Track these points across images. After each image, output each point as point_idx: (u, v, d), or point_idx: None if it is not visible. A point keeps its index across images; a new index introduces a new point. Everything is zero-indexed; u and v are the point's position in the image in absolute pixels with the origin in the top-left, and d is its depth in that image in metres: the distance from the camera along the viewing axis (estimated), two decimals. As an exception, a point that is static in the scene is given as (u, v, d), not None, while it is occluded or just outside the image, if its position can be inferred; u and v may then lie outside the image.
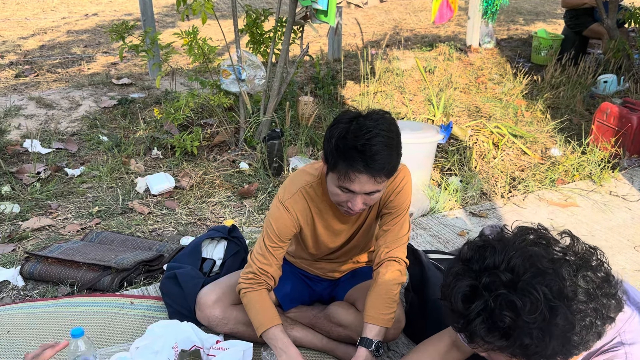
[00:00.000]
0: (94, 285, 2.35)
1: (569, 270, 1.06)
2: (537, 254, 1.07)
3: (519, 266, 1.06)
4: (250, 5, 3.88)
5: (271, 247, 1.82)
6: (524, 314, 1.02)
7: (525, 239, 1.12)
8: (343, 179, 1.59)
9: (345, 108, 4.46)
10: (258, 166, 3.46)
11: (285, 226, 1.80)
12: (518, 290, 1.04)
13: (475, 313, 1.06)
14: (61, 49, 6.49)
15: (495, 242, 1.12)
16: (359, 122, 1.56)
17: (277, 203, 1.81)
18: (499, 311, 1.04)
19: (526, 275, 1.05)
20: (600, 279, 1.09)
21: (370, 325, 1.77)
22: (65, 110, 4.31)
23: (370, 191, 1.61)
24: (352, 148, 1.54)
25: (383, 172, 1.57)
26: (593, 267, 1.11)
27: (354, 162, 1.54)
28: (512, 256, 1.07)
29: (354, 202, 1.64)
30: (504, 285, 1.05)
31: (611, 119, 3.60)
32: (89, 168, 3.48)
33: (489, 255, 1.09)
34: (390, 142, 1.57)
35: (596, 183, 3.37)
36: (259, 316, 1.80)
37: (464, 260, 1.14)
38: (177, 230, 2.86)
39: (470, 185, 3.29)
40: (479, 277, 1.08)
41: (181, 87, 4.75)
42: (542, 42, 5.71)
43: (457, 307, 1.10)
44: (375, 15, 8.62)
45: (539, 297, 1.02)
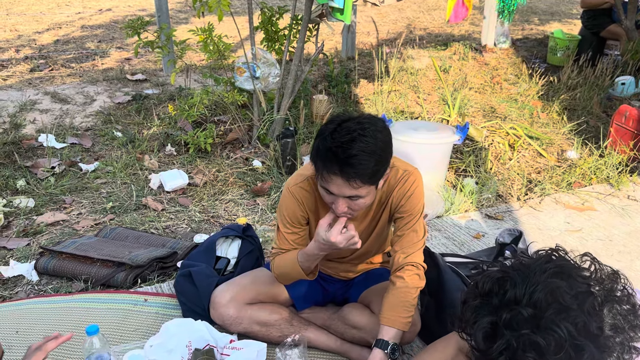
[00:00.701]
0: (107, 282, 2.35)
1: (594, 304, 1.02)
2: (560, 288, 1.02)
3: (542, 301, 1.01)
4: (265, 3, 3.87)
5: (285, 233, 1.85)
6: (549, 354, 0.98)
7: (546, 269, 1.06)
8: (321, 180, 1.60)
9: (358, 107, 4.43)
10: (271, 164, 3.45)
11: (292, 211, 1.82)
12: (541, 328, 1.00)
13: (498, 352, 1.02)
14: (75, 44, 6.52)
15: (515, 274, 1.07)
16: (345, 125, 1.55)
17: (285, 190, 1.84)
18: (522, 352, 1.00)
19: (549, 312, 1.00)
20: (626, 310, 1.05)
21: (387, 327, 1.75)
22: (80, 105, 4.32)
23: (350, 195, 1.59)
24: (329, 149, 1.53)
25: (358, 177, 1.53)
26: (618, 297, 1.06)
27: (330, 164, 1.53)
28: (534, 290, 1.03)
29: (336, 205, 1.63)
30: (526, 322, 1.01)
31: (630, 122, 3.55)
32: (103, 163, 3.48)
33: (509, 289, 1.05)
34: (371, 147, 1.53)
35: (614, 187, 3.32)
36: (286, 261, 1.82)
37: (482, 294, 1.09)
38: (190, 227, 2.86)
39: (486, 187, 3.25)
40: (499, 313, 1.04)
41: (195, 83, 4.75)
42: (559, 43, 5.64)
43: (478, 345, 1.07)
44: (389, 13, 8.57)
45: (563, 336, 0.98)
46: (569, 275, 1.06)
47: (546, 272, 1.05)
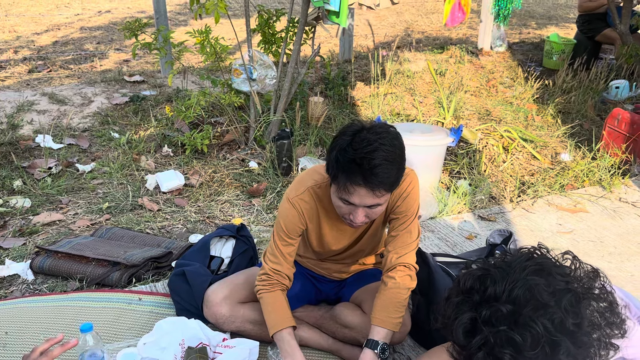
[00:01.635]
0: (102, 281, 2.37)
1: (572, 301, 1.04)
2: (538, 285, 1.05)
3: (520, 298, 1.04)
4: (262, 5, 3.90)
5: (281, 246, 1.84)
6: (525, 350, 1.00)
7: (526, 267, 1.09)
8: (342, 192, 1.60)
9: (355, 109, 4.46)
10: (267, 165, 3.48)
11: (292, 223, 1.82)
12: (519, 324, 1.02)
13: (476, 348, 1.05)
14: (74, 45, 6.55)
15: (495, 271, 1.10)
16: (362, 135, 1.56)
17: (285, 201, 1.83)
18: (499, 348, 1.02)
19: (527, 309, 1.03)
20: (603, 307, 1.08)
21: (377, 327, 1.77)
22: (78, 106, 4.34)
23: (371, 204, 1.61)
24: (351, 161, 1.54)
25: (382, 187, 1.56)
26: (596, 295, 1.09)
27: (353, 175, 1.54)
28: (513, 287, 1.05)
29: (355, 215, 1.65)
30: (504, 318, 1.03)
31: (622, 125, 3.58)
32: (99, 164, 3.50)
33: (490, 285, 1.07)
34: (392, 156, 1.56)
35: (606, 189, 3.35)
36: (270, 317, 1.82)
37: (464, 290, 1.12)
38: (186, 227, 2.88)
39: (479, 188, 3.28)
40: (479, 310, 1.06)
41: (192, 85, 4.78)
42: (554, 47, 5.68)
43: (458, 340, 1.09)
44: (387, 16, 8.61)
45: (539, 332, 1.00)
46: (548, 272, 1.08)
47: (526, 270, 1.08)
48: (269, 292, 1.84)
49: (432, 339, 2.02)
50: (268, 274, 1.85)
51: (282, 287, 1.85)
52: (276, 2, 9.10)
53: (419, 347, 2.06)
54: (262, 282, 1.86)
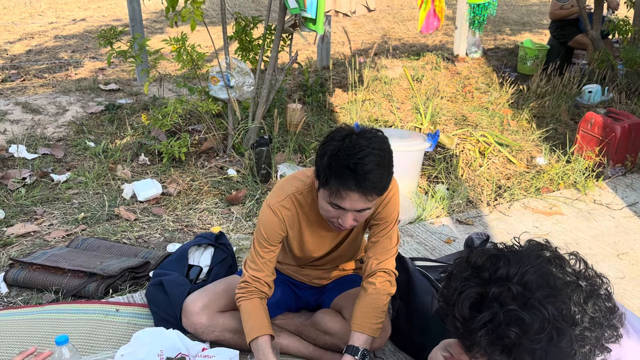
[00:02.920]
0: (79, 292, 2.33)
1: (580, 295, 1.05)
2: (553, 274, 1.05)
3: (533, 282, 1.04)
4: (239, 13, 3.89)
5: (262, 252, 1.84)
6: (531, 332, 1.01)
7: (540, 255, 1.10)
8: (334, 197, 1.60)
9: (333, 115, 4.48)
10: (246, 173, 3.47)
11: (273, 230, 1.81)
12: (528, 306, 1.02)
13: (482, 324, 1.04)
14: (48, 54, 6.45)
15: (510, 254, 1.10)
16: (352, 140, 1.57)
17: (266, 207, 1.82)
18: (506, 326, 1.02)
19: (538, 293, 1.03)
20: (607, 308, 1.09)
21: (357, 333, 1.78)
22: (52, 116, 4.28)
23: (361, 208, 1.63)
24: (345, 166, 1.55)
25: (375, 191, 1.58)
26: (602, 296, 1.10)
27: (346, 180, 1.55)
28: (527, 271, 1.05)
29: (344, 219, 1.65)
30: (513, 299, 1.03)
31: (595, 129, 3.66)
32: (75, 174, 3.45)
33: (502, 266, 1.07)
34: (382, 161, 1.58)
35: (580, 192, 3.42)
36: (247, 325, 1.80)
37: (474, 266, 1.10)
38: (163, 237, 2.85)
39: (457, 193, 3.31)
40: (488, 286, 1.06)
41: (169, 93, 4.74)
42: (528, 52, 5.79)
43: (461, 313, 1.07)
44: (364, 24, 8.67)
45: (548, 317, 1.01)
46: (561, 265, 1.10)
47: (540, 258, 1.09)
48: (247, 299, 1.83)
49: (413, 343, 2.03)
50: (247, 282, 1.84)
51: (261, 295, 1.84)
52: (253, 9, 9.11)
53: (400, 352, 2.07)
54: (241, 290, 1.85)
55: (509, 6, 10.87)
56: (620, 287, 2.51)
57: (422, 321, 1.98)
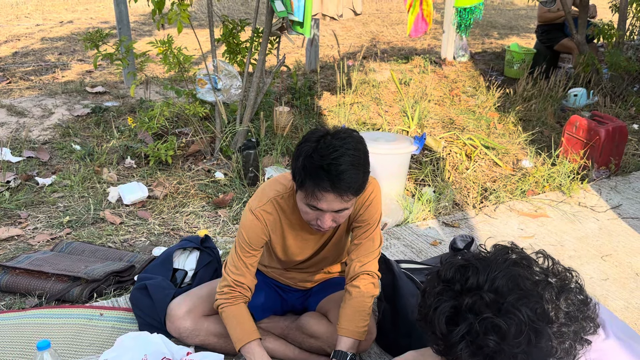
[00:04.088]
0: (62, 296, 2.31)
1: (552, 292, 1.07)
2: (521, 275, 1.06)
3: (503, 287, 1.04)
4: (227, 16, 3.89)
5: (244, 257, 1.83)
6: (509, 337, 1.01)
7: (507, 259, 1.10)
8: (310, 198, 1.61)
9: (322, 119, 4.48)
10: (233, 176, 3.46)
11: (255, 234, 1.81)
12: (502, 312, 1.02)
13: (460, 337, 1.04)
14: (35, 56, 6.40)
15: (477, 262, 1.10)
16: (326, 141, 1.58)
17: (248, 212, 1.82)
18: (484, 335, 1.02)
19: (510, 297, 1.03)
20: (579, 301, 1.10)
21: (344, 338, 1.78)
22: (38, 119, 4.24)
23: (339, 209, 1.63)
24: (319, 167, 1.55)
25: (350, 191, 1.58)
26: (572, 289, 1.11)
27: (321, 181, 1.55)
28: (496, 276, 1.06)
29: (322, 220, 1.65)
30: (487, 306, 1.03)
31: (580, 132, 3.69)
32: (60, 177, 3.42)
33: (471, 275, 1.08)
34: (357, 160, 1.58)
35: (566, 194, 3.44)
36: (236, 331, 1.80)
37: (444, 280, 1.11)
38: (149, 240, 2.83)
39: (443, 195, 3.33)
40: (461, 298, 1.06)
41: (157, 95, 4.72)
42: (515, 56, 5.83)
43: (439, 330, 1.07)
44: (353, 27, 8.70)
45: (523, 320, 1.01)
46: (528, 265, 1.10)
47: (507, 262, 1.09)
48: (232, 305, 1.82)
49: (398, 345, 2.03)
50: (231, 286, 1.83)
51: (245, 300, 1.84)
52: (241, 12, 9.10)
53: (385, 354, 2.07)
54: (223, 295, 1.84)
55: (497, 10, 10.96)
56: (604, 289, 2.53)
57: (407, 323, 1.98)
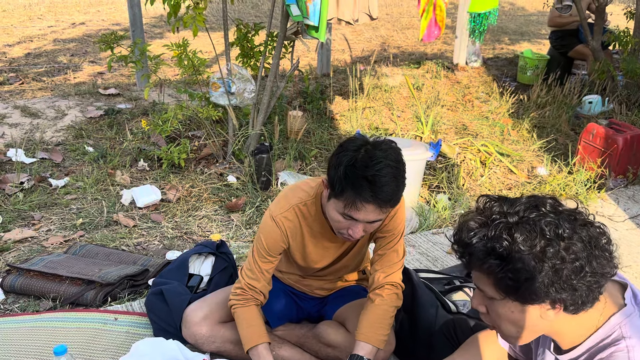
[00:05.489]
0: (77, 300, 2.30)
1: (569, 220, 1.13)
2: (543, 203, 1.16)
3: (524, 210, 1.15)
4: (240, 19, 3.88)
5: (260, 262, 1.81)
6: (520, 240, 1.10)
7: (536, 195, 1.20)
8: (349, 208, 1.58)
9: (334, 123, 4.46)
10: (246, 180, 3.44)
11: (274, 241, 1.79)
12: (519, 223, 1.12)
13: (478, 237, 1.14)
14: (47, 58, 6.42)
15: (508, 197, 1.21)
16: (368, 151, 1.56)
17: (268, 218, 1.79)
18: (499, 235, 1.12)
19: (529, 214, 1.13)
20: (597, 234, 1.14)
21: (362, 343, 1.75)
22: (51, 120, 4.25)
23: (374, 220, 1.61)
24: (362, 177, 1.53)
25: (389, 203, 1.57)
26: (594, 225, 1.16)
27: (363, 192, 1.53)
28: (521, 202, 1.17)
29: (355, 230, 1.63)
30: (506, 217, 1.14)
31: (597, 140, 3.65)
32: (73, 179, 3.42)
33: (498, 205, 1.18)
34: (398, 173, 1.57)
35: (583, 203, 3.40)
36: (245, 333, 1.79)
37: (477, 208, 1.21)
38: (162, 244, 2.82)
39: (459, 203, 3.29)
40: (486, 214, 1.17)
41: (169, 98, 4.72)
42: (528, 62, 5.79)
43: (463, 237, 1.18)
44: (363, 31, 8.68)
45: (536, 230, 1.10)
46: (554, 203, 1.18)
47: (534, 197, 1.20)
48: (243, 307, 1.82)
49: (416, 356, 2.00)
50: (243, 289, 1.83)
51: (257, 303, 1.84)
52: (253, 15, 9.11)
53: (403, 365, 2.04)
54: (236, 297, 1.84)
55: (508, 16, 10.91)
56: (624, 300, 2.49)
57: (426, 334, 1.95)
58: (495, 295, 1.17)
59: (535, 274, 1.09)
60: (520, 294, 1.13)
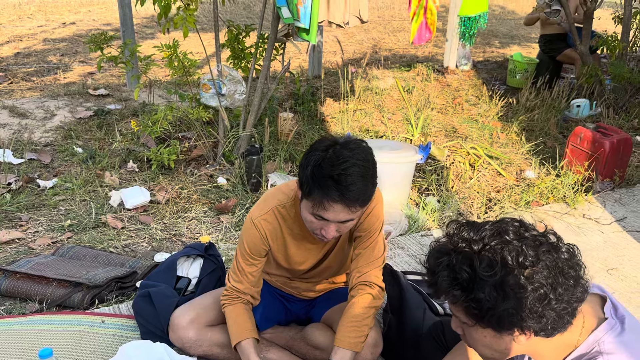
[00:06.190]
0: (63, 302, 2.28)
1: (533, 246, 1.13)
2: (507, 230, 1.16)
3: (488, 237, 1.15)
4: (232, 21, 3.88)
5: (244, 264, 1.84)
6: (480, 270, 1.11)
7: (503, 220, 1.21)
8: (317, 207, 1.59)
9: (324, 125, 4.46)
10: (236, 181, 3.43)
11: (254, 244, 1.81)
12: (481, 252, 1.14)
13: (442, 266, 1.16)
14: (37, 57, 6.38)
15: (476, 222, 1.22)
16: (336, 151, 1.56)
17: (248, 221, 1.82)
18: (460, 266, 1.13)
19: (492, 242, 1.14)
20: (563, 261, 1.14)
21: (336, 347, 1.75)
22: (40, 120, 4.22)
23: (344, 220, 1.61)
24: (328, 177, 1.53)
25: (358, 202, 1.57)
26: (560, 251, 1.15)
27: (329, 191, 1.53)
28: (485, 229, 1.17)
29: (327, 230, 1.64)
30: (470, 248, 1.15)
31: (584, 143, 3.68)
32: (62, 180, 3.40)
33: (466, 231, 1.19)
34: (366, 172, 1.56)
35: (570, 206, 3.43)
36: (232, 330, 1.81)
37: (447, 234, 1.23)
38: (151, 246, 2.81)
39: (448, 205, 3.31)
40: (452, 242, 1.20)
41: (159, 99, 4.70)
42: (518, 66, 5.83)
43: (430, 264, 1.20)
44: (355, 33, 8.70)
45: (497, 259, 1.11)
46: (520, 226, 1.18)
47: (501, 221, 1.20)
48: (230, 305, 1.85)
49: (403, 358, 2.01)
50: (228, 290, 1.87)
51: (244, 301, 1.86)
52: (246, 17, 9.11)
53: (390, 367, 2.04)
54: (224, 297, 1.88)
55: (498, 19, 10.98)
56: (610, 303, 2.51)
57: (414, 336, 1.95)
58: (467, 321, 1.18)
59: (498, 303, 1.10)
60: (487, 322, 1.14)
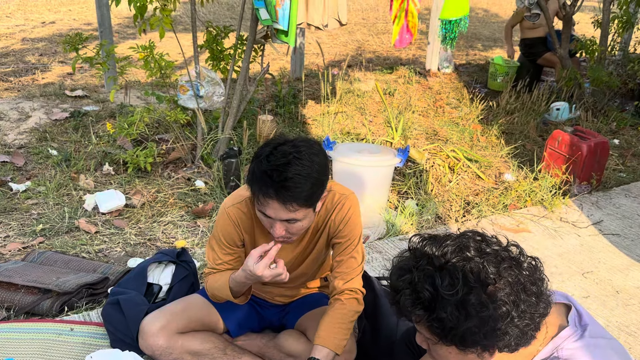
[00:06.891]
0: (32, 310, 2.23)
1: (495, 262, 1.13)
2: (468, 246, 1.16)
3: (450, 252, 1.15)
4: (211, 22, 3.84)
5: (220, 253, 1.83)
6: (442, 289, 1.10)
7: (465, 234, 1.21)
8: (258, 203, 1.59)
9: (305, 127, 4.44)
10: (214, 185, 3.40)
11: (228, 232, 1.80)
12: (442, 270, 1.13)
13: (405, 284, 1.16)
14: (15, 57, 6.27)
15: (438, 236, 1.23)
16: (280, 148, 1.55)
17: (221, 209, 1.82)
18: (422, 284, 1.13)
19: (454, 259, 1.14)
20: (525, 277, 1.14)
21: (319, 346, 1.72)
22: (14, 122, 4.14)
23: (287, 219, 1.59)
24: (264, 173, 1.52)
25: (294, 201, 1.54)
26: (522, 267, 1.15)
27: (265, 187, 1.53)
28: (447, 244, 1.17)
29: (274, 228, 1.62)
30: (431, 266, 1.15)
31: (562, 147, 3.70)
32: (35, 183, 3.33)
33: (428, 245, 1.20)
34: (306, 170, 1.54)
35: (547, 209, 3.44)
36: (217, 284, 1.80)
37: (410, 248, 1.24)
38: (125, 251, 2.76)
39: (426, 208, 3.30)
40: (416, 261, 1.19)
41: (138, 101, 4.64)
42: (499, 69, 5.87)
43: (393, 282, 1.21)
44: (339, 35, 8.69)
45: (458, 277, 1.10)
46: (481, 241, 1.18)
47: (463, 236, 1.20)
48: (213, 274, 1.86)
49: (378, 364, 1.99)
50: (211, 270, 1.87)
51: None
52: (230, 17, 9.05)
53: (364, 374, 2.02)
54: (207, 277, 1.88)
55: (481, 22, 11.05)
56: (585, 306, 2.51)
57: (388, 342, 1.94)
58: (431, 338, 1.18)
59: (460, 322, 1.09)
60: (450, 340, 1.13)
